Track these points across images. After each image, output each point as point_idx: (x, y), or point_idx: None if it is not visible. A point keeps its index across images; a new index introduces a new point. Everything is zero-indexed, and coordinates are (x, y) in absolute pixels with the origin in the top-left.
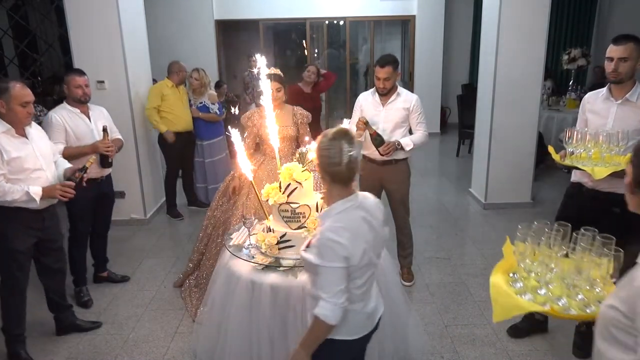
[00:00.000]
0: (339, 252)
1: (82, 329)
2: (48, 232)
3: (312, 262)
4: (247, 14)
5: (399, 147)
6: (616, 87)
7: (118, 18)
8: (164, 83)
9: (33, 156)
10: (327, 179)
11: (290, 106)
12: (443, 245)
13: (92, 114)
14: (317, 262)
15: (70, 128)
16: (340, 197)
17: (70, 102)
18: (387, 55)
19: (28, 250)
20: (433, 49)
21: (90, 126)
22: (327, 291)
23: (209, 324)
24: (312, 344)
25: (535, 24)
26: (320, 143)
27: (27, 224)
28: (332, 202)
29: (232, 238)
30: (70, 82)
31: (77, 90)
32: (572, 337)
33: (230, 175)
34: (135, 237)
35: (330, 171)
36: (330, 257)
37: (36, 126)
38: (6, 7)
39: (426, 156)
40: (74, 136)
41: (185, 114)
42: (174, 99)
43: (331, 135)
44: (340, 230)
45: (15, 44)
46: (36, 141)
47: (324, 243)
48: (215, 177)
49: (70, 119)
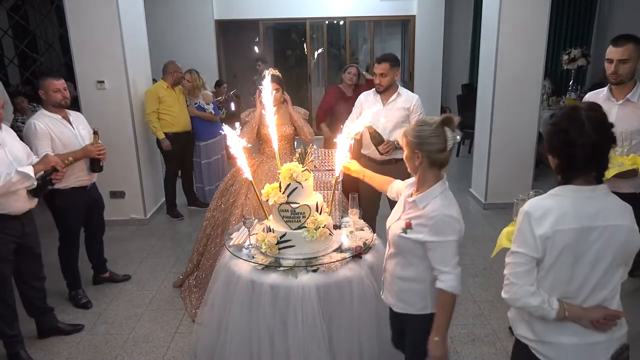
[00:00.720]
0: (455, 226)
1: (64, 331)
2: (27, 239)
3: (423, 240)
4: (247, 14)
5: (399, 146)
6: (617, 88)
7: (118, 18)
8: (159, 85)
9: (5, 161)
10: (425, 163)
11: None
12: None
13: (73, 119)
14: (434, 239)
15: (55, 135)
16: (436, 180)
17: (49, 108)
18: (387, 53)
19: (8, 257)
20: (433, 49)
21: (74, 131)
22: (448, 264)
23: (209, 323)
24: (445, 324)
25: (535, 24)
26: (422, 131)
27: (6, 230)
28: (427, 185)
29: (232, 238)
30: (48, 87)
31: (56, 95)
32: None
33: (228, 176)
34: (135, 237)
35: (433, 157)
36: (447, 232)
37: (7, 129)
38: (6, 7)
39: None
40: (60, 143)
41: (183, 114)
42: (170, 100)
43: (435, 123)
44: (452, 207)
45: (15, 44)
46: (8, 145)
47: (441, 219)
48: (209, 179)
49: (54, 126)
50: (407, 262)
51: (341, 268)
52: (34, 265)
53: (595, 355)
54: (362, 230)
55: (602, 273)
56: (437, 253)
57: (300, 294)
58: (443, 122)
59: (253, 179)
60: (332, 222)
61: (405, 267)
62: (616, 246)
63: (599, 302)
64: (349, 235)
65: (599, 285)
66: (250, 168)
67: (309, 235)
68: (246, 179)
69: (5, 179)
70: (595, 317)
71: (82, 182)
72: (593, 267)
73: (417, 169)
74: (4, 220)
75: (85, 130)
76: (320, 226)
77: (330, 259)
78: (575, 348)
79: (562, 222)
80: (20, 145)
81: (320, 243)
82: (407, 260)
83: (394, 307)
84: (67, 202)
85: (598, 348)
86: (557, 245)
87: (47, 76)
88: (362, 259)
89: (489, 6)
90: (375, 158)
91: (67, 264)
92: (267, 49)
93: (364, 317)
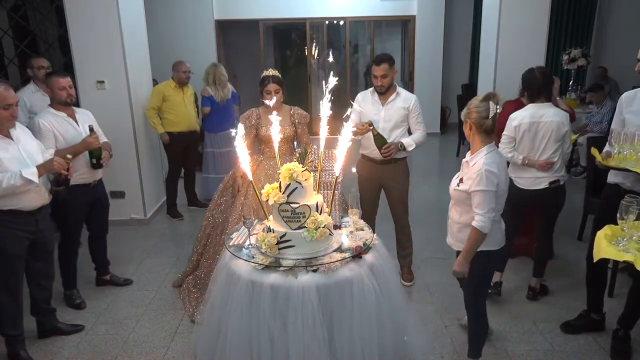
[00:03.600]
0: (493, 180)
1: (64, 332)
2: (42, 235)
3: (469, 190)
4: (247, 14)
5: (402, 148)
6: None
7: (118, 18)
8: (167, 83)
9: (19, 157)
10: (474, 129)
11: (287, 106)
12: (443, 245)
13: (79, 117)
14: (477, 188)
15: (59, 133)
16: (484, 144)
17: (55, 105)
18: (382, 53)
19: (22, 254)
20: (433, 49)
21: (78, 130)
22: (483, 208)
23: (209, 324)
24: (471, 251)
25: (535, 24)
26: (470, 103)
27: (21, 227)
28: (476, 148)
29: (232, 238)
30: (54, 85)
31: (61, 93)
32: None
33: (229, 175)
34: (135, 237)
35: (480, 123)
36: (487, 183)
37: (21, 127)
38: (6, 7)
39: (426, 156)
40: (64, 141)
41: (188, 114)
42: (176, 99)
43: (482, 98)
44: (493, 164)
45: (15, 44)
46: (22, 142)
47: (483, 173)
48: (215, 168)
49: (59, 124)
50: (463, 210)
51: (341, 268)
52: (45, 262)
53: (541, 183)
54: (362, 230)
55: (545, 144)
56: (475, 199)
57: (300, 294)
58: (487, 97)
59: (253, 179)
60: (332, 222)
61: (461, 214)
62: (552, 131)
63: (545, 158)
64: (349, 235)
65: (545, 150)
66: (250, 168)
67: (309, 235)
68: (246, 178)
69: (7, 182)
70: (540, 164)
71: (84, 179)
72: (541, 141)
73: (469, 135)
74: (19, 216)
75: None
76: (320, 226)
77: (330, 259)
78: (531, 178)
79: (524, 119)
80: (34, 142)
81: (320, 243)
82: (462, 209)
83: (454, 246)
84: (68, 198)
85: (541, 180)
86: (521, 130)
87: (53, 74)
88: (362, 259)
89: (489, 6)
90: (375, 158)
91: (64, 262)
92: (267, 49)
93: (364, 317)
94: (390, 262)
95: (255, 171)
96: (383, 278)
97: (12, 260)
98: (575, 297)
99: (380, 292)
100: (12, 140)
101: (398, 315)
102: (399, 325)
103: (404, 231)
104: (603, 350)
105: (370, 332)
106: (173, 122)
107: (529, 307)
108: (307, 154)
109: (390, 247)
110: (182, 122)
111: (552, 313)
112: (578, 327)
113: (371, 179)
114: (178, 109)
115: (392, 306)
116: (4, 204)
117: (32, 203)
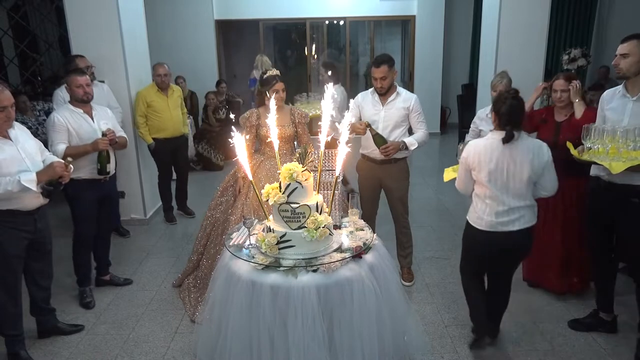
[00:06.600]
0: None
1: (64, 332)
2: (40, 235)
3: None
4: (247, 14)
5: (404, 147)
6: (632, 84)
7: (118, 18)
8: (148, 88)
9: (17, 158)
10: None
11: (288, 106)
12: (443, 245)
13: (96, 114)
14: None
15: (73, 128)
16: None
17: (73, 102)
18: (381, 55)
19: (21, 254)
20: (433, 49)
21: (93, 126)
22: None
23: (209, 324)
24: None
25: (535, 24)
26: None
27: (20, 226)
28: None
29: (232, 238)
30: (72, 83)
31: (78, 90)
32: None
33: (230, 174)
34: (135, 237)
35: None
36: None
37: (20, 126)
38: (6, 7)
39: (426, 156)
40: (77, 137)
41: (174, 119)
42: (159, 104)
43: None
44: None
45: (15, 44)
46: (21, 142)
47: None
48: None
49: (74, 120)
50: None
51: (341, 268)
52: (43, 262)
53: None
54: (362, 230)
55: None
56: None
57: (300, 294)
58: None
59: (253, 179)
60: (332, 222)
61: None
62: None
63: None
64: (349, 235)
65: None
66: (250, 168)
67: (309, 235)
68: (246, 178)
69: (4, 188)
70: None
71: (95, 175)
72: None
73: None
74: (17, 216)
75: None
76: (320, 226)
77: (330, 259)
78: None
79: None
80: (33, 142)
81: (320, 243)
82: None
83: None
84: (78, 192)
85: None
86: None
87: (72, 72)
88: (362, 259)
89: (489, 6)
90: (375, 158)
91: (76, 258)
92: (267, 49)
93: (364, 317)
94: (390, 262)
95: (256, 171)
96: (383, 278)
97: (10, 260)
98: (576, 296)
99: (380, 292)
100: (10, 141)
101: (398, 315)
102: (398, 325)
103: (404, 231)
104: (603, 350)
105: (370, 332)
106: (158, 128)
107: (529, 307)
108: (307, 154)
109: (390, 247)
110: (167, 127)
111: (552, 313)
112: (585, 325)
113: (371, 178)
114: (163, 115)
115: (392, 306)
116: (3, 204)
117: (30, 203)
